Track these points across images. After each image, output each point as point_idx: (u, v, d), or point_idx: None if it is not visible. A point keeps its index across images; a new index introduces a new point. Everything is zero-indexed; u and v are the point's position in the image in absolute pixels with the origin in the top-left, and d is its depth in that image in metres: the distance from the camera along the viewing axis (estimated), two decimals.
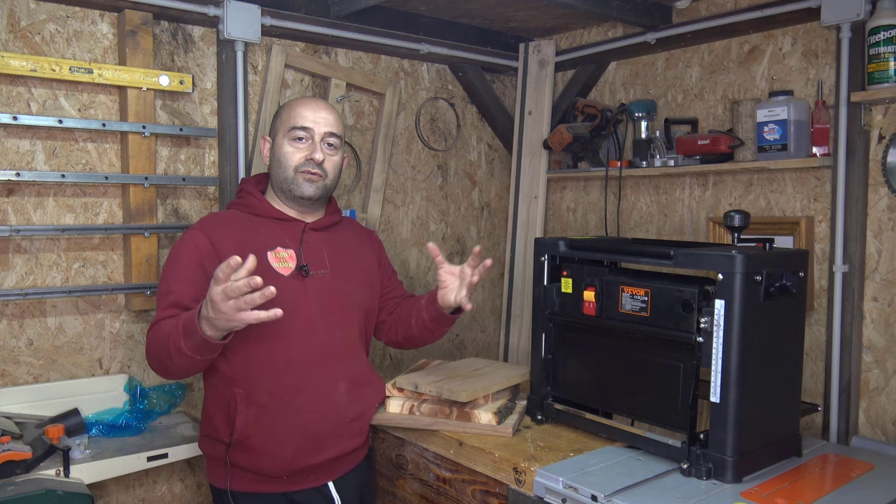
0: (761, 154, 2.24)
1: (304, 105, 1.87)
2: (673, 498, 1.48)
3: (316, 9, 2.51)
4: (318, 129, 1.84)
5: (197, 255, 1.75)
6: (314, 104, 1.88)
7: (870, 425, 2.16)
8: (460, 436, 1.83)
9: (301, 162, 1.83)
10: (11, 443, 1.81)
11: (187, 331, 1.56)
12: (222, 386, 1.79)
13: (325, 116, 1.86)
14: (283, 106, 1.94)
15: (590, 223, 2.99)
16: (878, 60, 2.01)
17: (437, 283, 1.86)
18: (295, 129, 1.83)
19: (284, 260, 1.82)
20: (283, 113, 1.89)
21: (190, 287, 1.72)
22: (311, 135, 1.84)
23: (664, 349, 1.67)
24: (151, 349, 1.69)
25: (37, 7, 2.11)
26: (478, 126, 3.18)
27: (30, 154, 2.12)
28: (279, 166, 1.85)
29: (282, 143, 1.86)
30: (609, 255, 1.84)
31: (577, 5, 2.42)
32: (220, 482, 1.82)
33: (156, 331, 1.67)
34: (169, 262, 1.79)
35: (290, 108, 1.87)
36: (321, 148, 1.85)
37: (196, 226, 1.83)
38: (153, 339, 1.67)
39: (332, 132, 1.86)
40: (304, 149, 1.84)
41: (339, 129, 1.89)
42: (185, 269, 1.74)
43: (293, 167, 1.83)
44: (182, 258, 1.76)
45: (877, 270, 2.14)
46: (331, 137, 1.86)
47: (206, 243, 1.76)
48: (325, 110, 1.87)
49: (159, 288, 1.76)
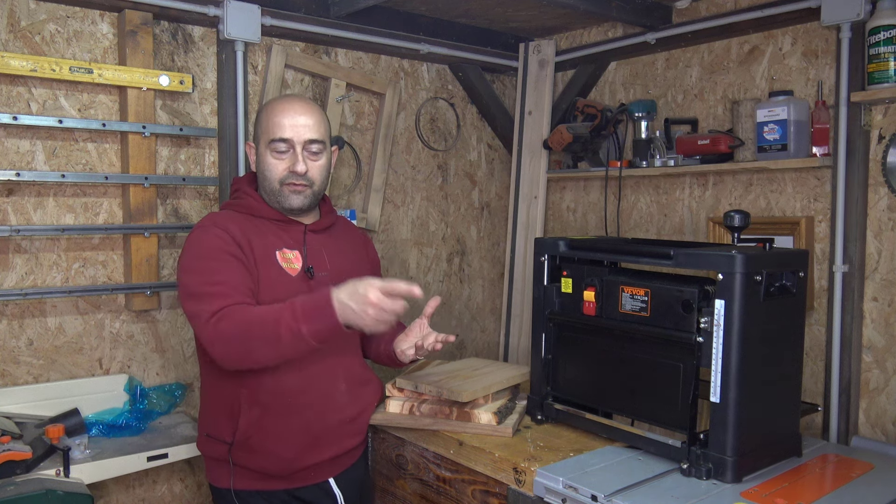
0: (761, 154, 2.24)
1: (282, 112, 1.80)
2: (673, 498, 1.48)
3: (316, 9, 2.51)
4: (298, 137, 1.79)
5: (227, 247, 1.72)
6: (291, 109, 1.80)
7: (870, 425, 2.16)
8: (460, 436, 1.83)
9: (284, 174, 1.79)
10: (11, 443, 1.80)
11: (310, 315, 1.53)
12: (226, 386, 1.79)
13: (304, 122, 1.79)
14: (261, 109, 1.88)
15: (590, 223, 2.99)
16: (878, 60, 2.01)
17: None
18: (274, 141, 1.78)
19: (290, 261, 1.82)
20: (262, 120, 1.83)
21: (238, 275, 1.69)
22: (292, 144, 1.79)
23: (664, 349, 1.67)
24: (235, 336, 1.59)
25: (37, 7, 2.11)
26: (478, 126, 3.18)
27: (30, 154, 2.12)
28: (264, 178, 1.82)
29: (264, 153, 1.81)
30: (609, 255, 1.84)
31: (577, 5, 2.42)
32: (222, 482, 1.82)
33: (240, 315, 1.59)
34: (196, 256, 1.73)
35: (269, 116, 1.81)
36: (303, 157, 1.79)
37: (207, 223, 1.78)
38: (239, 324, 1.58)
39: (312, 139, 1.80)
40: (286, 160, 1.79)
41: (320, 132, 1.82)
42: (224, 262, 1.70)
43: (277, 180, 1.80)
44: (213, 251, 1.71)
45: (877, 270, 2.14)
46: (312, 144, 1.81)
47: (227, 237, 1.74)
48: (304, 115, 1.80)
49: (194, 280, 1.69)
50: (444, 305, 3.09)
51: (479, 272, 3.23)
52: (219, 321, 1.61)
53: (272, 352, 1.59)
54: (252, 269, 1.74)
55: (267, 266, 1.76)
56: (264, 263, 1.76)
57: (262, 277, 1.75)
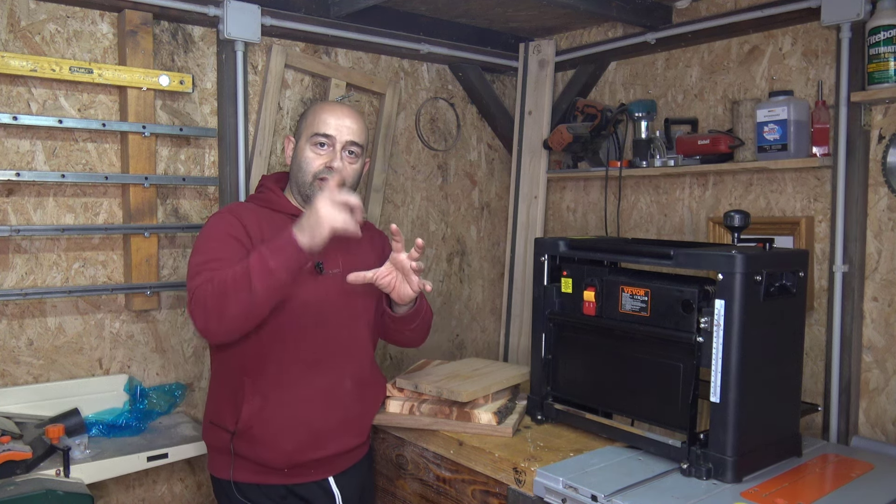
0: (761, 154, 2.24)
1: (329, 111, 1.87)
2: (673, 498, 1.48)
3: (316, 9, 2.51)
4: (341, 137, 1.84)
5: (233, 231, 1.77)
6: (339, 111, 1.87)
7: (870, 425, 2.16)
8: (460, 436, 1.83)
9: (320, 169, 1.84)
10: (11, 443, 1.81)
11: (275, 249, 1.58)
12: (232, 374, 1.81)
13: (348, 125, 1.86)
14: (309, 108, 1.95)
15: (590, 223, 2.99)
16: (878, 60, 2.01)
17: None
18: (317, 135, 1.84)
19: None
20: (309, 116, 1.89)
21: (233, 256, 1.70)
22: (333, 142, 1.84)
23: (664, 349, 1.67)
24: (210, 294, 1.62)
25: (37, 7, 2.11)
26: (478, 126, 3.18)
27: (30, 154, 2.12)
28: (299, 170, 1.86)
29: (304, 146, 1.86)
30: (609, 255, 1.84)
31: (577, 5, 2.42)
32: (222, 472, 1.83)
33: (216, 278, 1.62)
34: (203, 239, 1.78)
35: (316, 113, 1.88)
36: (341, 156, 1.85)
37: (224, 210, 1.86)
38: (214, 284, 1.61)
39: (354, 141, 1.86)
40: (325, 155, 1.84)
41: (361, 138, 1.89)
42: (226, 242, 1.75)
43: (312, 173, 1.84)
44: (218, 234, 1.77)
45: (877, 270, 2.14)
46: (352, 146, 1.86)
47: (237, 223, 1.79)
48: (350, 118, 1.87)
49: (196, 259, 1.73)
50: (444, 305, 3.10)
51: (479, 272, 3.23)
52: (196, 291, 1.65)
53: (246, 300, 1.59)
54: None
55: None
56: None
57: None
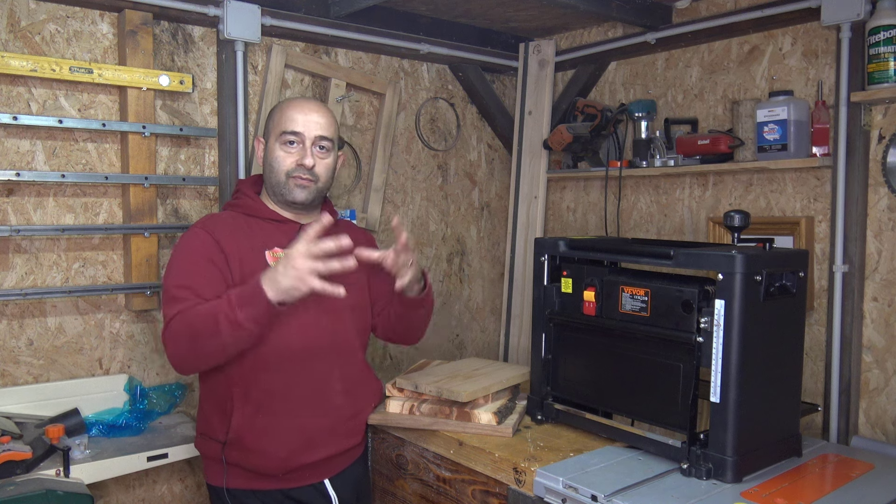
0: (761, 154, 2.24)
1: (295, 108, 1.84)
2: (673, 498, 1.48)
3: (316, 9, 2.51)
4: (309, 132, 1.82)
5: (206, 252, 1.75)
6: (305, 106, 1.85)
7: (870, 425, 2.16)
8: (460, 436, 1.83)
9: (292, 167, 1.82)
10: (11, 443, 1.81)
11: (244, 301, 1.56)
12: (220, 384, 1.79)
13: (316, 119, 1.83)
14: (275, 107, 1.92)
15: (590, 223, 2.99)
16: (878, 60, 2.01)
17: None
18: (285, 133, 1.81)
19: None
20: (275, 115, 1.87)
21: (206, 282, 1.70)
22: (302, 139, 1.82)
23: (664, 349, 1.67)
24: (182, 333, 1.63)
25: (37, 7, 2.11)
26: (478, 126, 3.18)
27: (30, 154, 2.12)
28: (271, 171, 1.84)
29: (273, 146, 1.84)
30: (609, 255, 1.84)
31: (577, 5, 2.42)
32: (216, 480, 1.82)
33: (188, 315, 1.62)
34: (177, 260, 1.77)
35: (282, 111, 1.85)
36: (312, 152, 1.83)
37: (197, 225, 1.83)
38: (186, 323, 1.62)
39: (323, 136, 1.84)
40: (295, 153, 1.82)
41: (330, 131, 1.86)
42: (198, 265, 1.74)
43: (284, 172, 1.82)
44: (192, 255, 1.76)
45: (877, 270, 2.14)
46: (322, 141, 1.84)
47: (211, 241, 1.77)
48: (317, 112, 1.85)
49: (168, 283, 1.73)
50: (444, 305, 3.10)
51: (479, 272, 3.23)
52: (170, 323, 1.66)
53: (216, 344, 1.61)
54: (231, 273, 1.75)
55: (255, 265, 1.76)
56: (252, 262, 1.77)
57: (249, 276, 1.74)
